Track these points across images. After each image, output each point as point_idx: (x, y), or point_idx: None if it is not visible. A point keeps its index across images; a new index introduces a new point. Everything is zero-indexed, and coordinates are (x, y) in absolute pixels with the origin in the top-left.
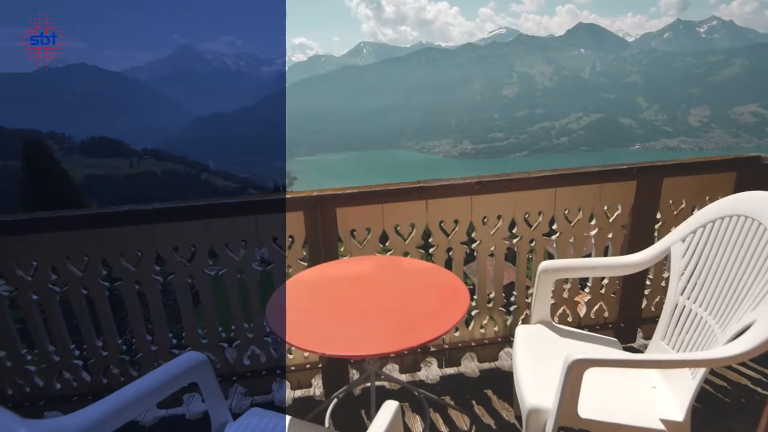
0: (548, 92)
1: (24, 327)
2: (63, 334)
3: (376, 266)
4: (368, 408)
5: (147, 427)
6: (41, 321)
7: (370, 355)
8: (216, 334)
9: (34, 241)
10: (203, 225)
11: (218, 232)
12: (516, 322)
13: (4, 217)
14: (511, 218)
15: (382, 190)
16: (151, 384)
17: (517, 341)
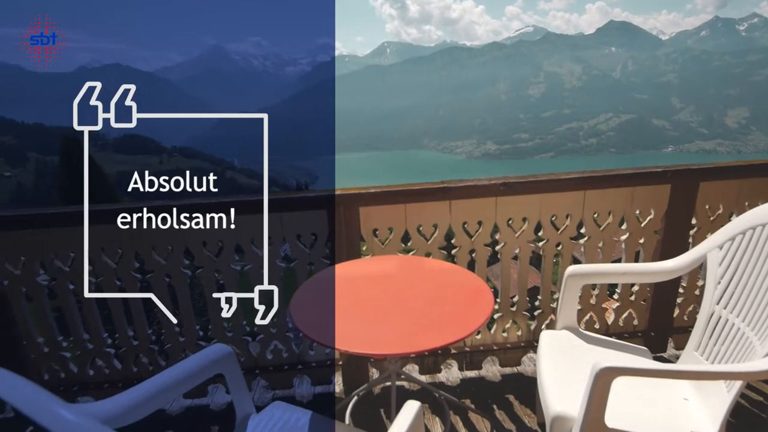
0: (576, 92)
1: (60, 315)
2: (97, 322)
3: (399, 266)
4: (388, 407)
5: (173, 416)
6: (77, 310)
7: (392, 354)
8: (240, 328)
9: (72, 233)
10: (235, 221)
11: (245, 229)
12: (540, 327)
13: (46, 210)
14: (537, 221)
15: (405, 190)
16: (180, 374)
17: (542, 347)
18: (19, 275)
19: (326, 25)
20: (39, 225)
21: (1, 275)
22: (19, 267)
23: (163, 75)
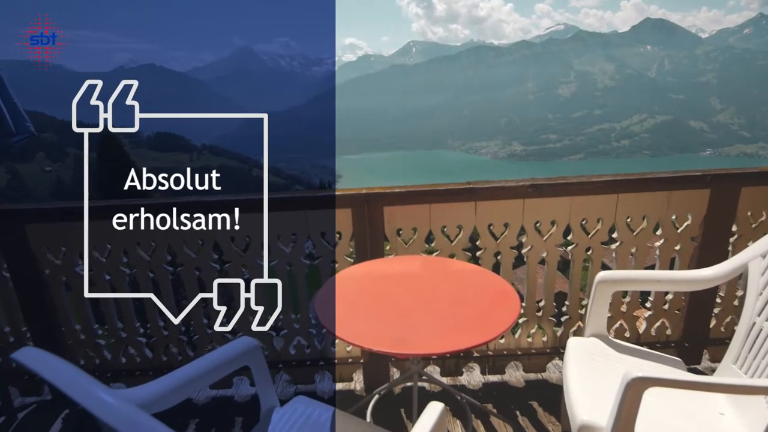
0: (609, 92)
1: (96, 304)
2: (130, 312)
3: (423, 266)
4: (409, 407)
5: (200, 405)
6: (112, 299)
7: (416, 354)
8: None
9: (110, 226)
10: (258, 218)
11: (271, 225)
12: (567, 333)
13: (85, 204)
14: (566, 224)
15: (430, 190)
16: (209, 364)
17: (569, 354)
18: (59, 265)
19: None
20: (78, 217)
21: (43, 265)
22: (60, 257)
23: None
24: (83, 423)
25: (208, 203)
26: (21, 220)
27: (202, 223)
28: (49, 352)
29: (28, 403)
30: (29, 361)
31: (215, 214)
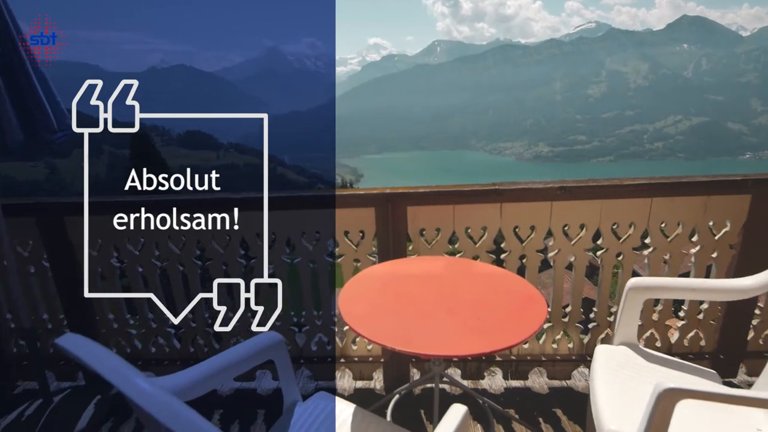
0: (642, 92)
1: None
2: (163, 302)
3: (446, 267)
4: (430, 409)
5: (224, 396)
6: (144, 290)
7: (438, 355)
8: (288, 318)
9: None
10: (283, 215)
11: (296, 223)
12: (594, 341)
13: (119, 198)
14: (596, 228)
15: (454, 191)
16: (236, 356)
17: (597, 361)
18: (95, 256)
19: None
20: (113, 211)
21: (80, 256)
22: (97, 248)
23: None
24: (114, 408)
25: (235, 200)
26: (60, 213)
27: (225, 221)
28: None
29: (63, 388)
30: (72, 347)
31: (220, 214)
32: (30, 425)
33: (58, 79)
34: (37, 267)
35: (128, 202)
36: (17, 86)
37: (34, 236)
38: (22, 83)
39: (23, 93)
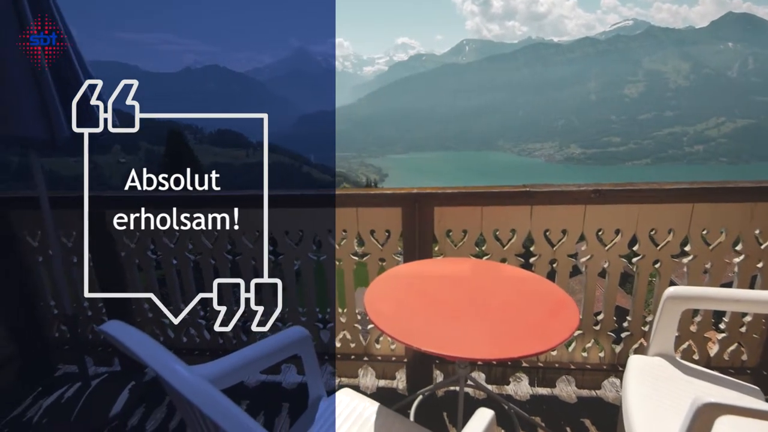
0: (682, 92)
1: (163, 286)
2: (193, 295)
3: (473, 269)
4: (453, 411)
5: (251, 388)
6: (177, 282)
7: (466, 358)
8: (313, 314)
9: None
10: (311, 213)
11: (323, 221)
12: (627, 350)
13: (156, 193)
14: (632, 234)
15: (483, 192)
16: (264, 349)
17: (630, 372)
18: (133, 248)
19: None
20: (150, 205)
21: (120, 247)
22: (135, 241)
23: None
24: (147, 394)
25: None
26: (101, 206)
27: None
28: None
29: (100, 372)
30: (116, 333)
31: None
32: (69, 407)
33: (101, 79)
34: (80, 257)
35: (161, 197)
36: (65, 85)
37: (78, 228)
38: (70, 82)
39: (71, 91)
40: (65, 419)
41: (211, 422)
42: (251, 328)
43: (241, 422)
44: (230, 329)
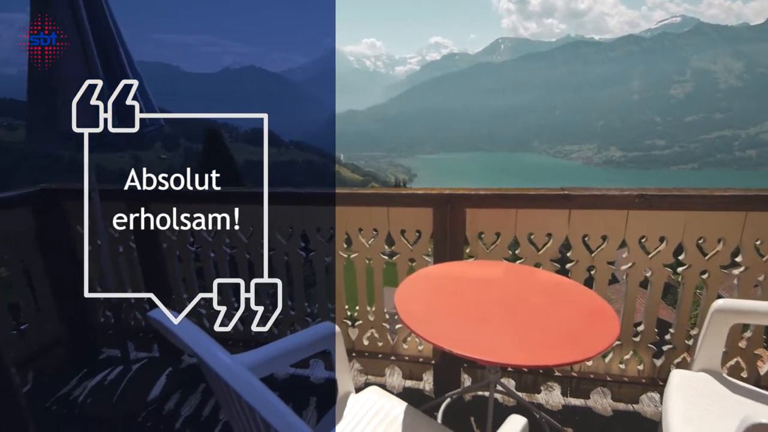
0: (734, 93)
1: (201, 277)
2: (227, 287)
3: (507, 273)
4: (482, 417)
5: (280, 380)
6: (214, 273)
7: (497, 363)
8: (342, 311)
9: (224, 209)
10: (343, 211)
11: (354, 219)
12: (668, 364)
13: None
14: (678, 242)
15: (518, 194)
16: (296, 343)
17: (672, 387)
18: (175, 240)
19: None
20: (189, 200)
21: (162, 239)
22: (176, 234)
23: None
24: (183, 380)
25: (301, 195)
26: (146, 199)
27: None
28: None
29: (140, 358)
30: (164, 320)
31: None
32: (112, 389)
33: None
34: (125, 247)
35: (201, 194)
36: (117, 84)
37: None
38: (120, 81)
39: (121, 90)
40: (107, 400)
41: (248, 406)
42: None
43: (277, 408)
44: (261, 325)
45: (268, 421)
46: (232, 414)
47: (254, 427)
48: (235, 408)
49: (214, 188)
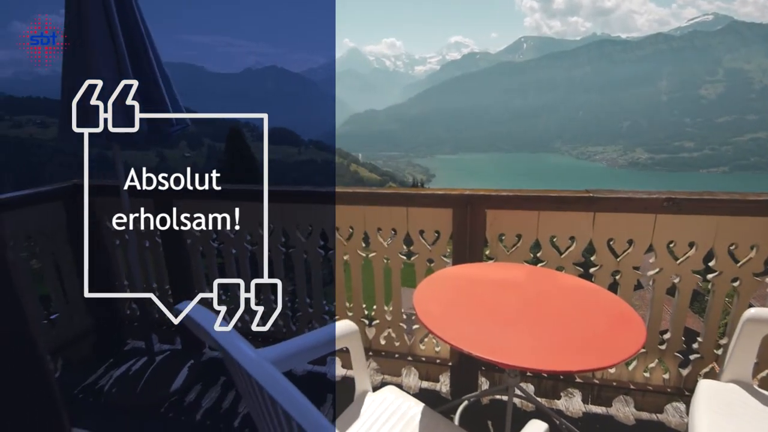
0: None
1: (223, 273)
2: (248, 283)
3: (528, 276)
4: (500, 421)
5: (297, 376)
6: (235, 270)
7: (517, 366)
8: (360, 310)
9: (245, 206)
10: (362, 210)
11: (373, 218)
12: (695, 374)
13: (226, 186)
14: (708, 248)
15: (541, 196)
16: (316, 340)
17: (699, 398)
18: (198, 236)
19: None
20: (212, 197)
21: (187, 235)
22: (200, 230)
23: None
24: (204, 373)
25: (323, 194)
26: (171, 196)
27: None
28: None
29: (163, 350)
30: (192, 312)
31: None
32: (136, 379)
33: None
34: (151, 242)
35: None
36: (146, 84)
37: (150, 215)
38: (150, 81)
39: (150, 90)
40: (132, 390)
41: (270, 398)
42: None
43: (299, 401)
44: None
45: (290, 414)
46: (254, 406)
47: (275, 419)
48: (257, 400)
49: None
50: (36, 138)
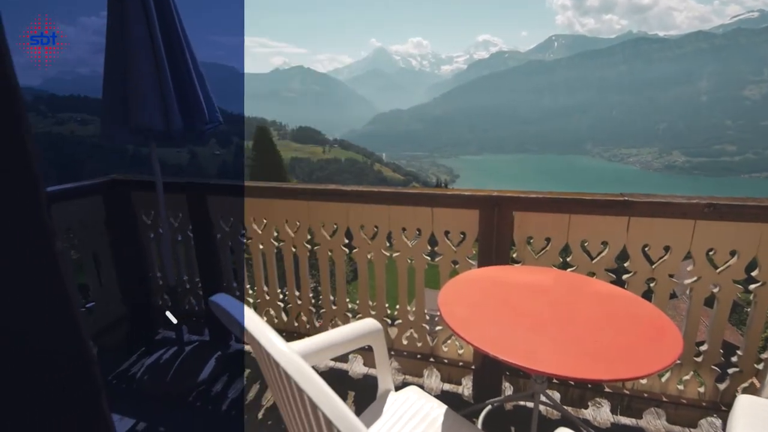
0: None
1: (249, 268)
2: (274, 279)
3: (556, 280)
4: (524, 427)
5: (320, 372)
6: (262, 266)
7: (545, 372)
8: (383, 309)
9: (264, 204)
10: (387, 210)
11: (398, 218)
12: (733, 389)
13: (249, 183)
14: (751, 257)
15: (572, 199)
16: (341, 337)
17: (738, 414)
18: (228, 232)
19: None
20: (243, 194)
21: (217, 230)
22: (228, 225)
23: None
24: (230, 364)
25: (348, 192)
26: (203, 191)
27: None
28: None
29: (193, 341)
30: (226, 305)
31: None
32: (166, 368)
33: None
34: (184, 236)
35: (258, 188)
36: (182, 82)
37: (183, 210)
38: (186, 80)
39: (186, 88)
40: (162, 378)
41: (297, 387)
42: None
43: (326, 392)
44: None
45: (316, 404)
46: (281, 397)
47: (302, 408)
48: (284, 391)
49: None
50: (77, 135)
